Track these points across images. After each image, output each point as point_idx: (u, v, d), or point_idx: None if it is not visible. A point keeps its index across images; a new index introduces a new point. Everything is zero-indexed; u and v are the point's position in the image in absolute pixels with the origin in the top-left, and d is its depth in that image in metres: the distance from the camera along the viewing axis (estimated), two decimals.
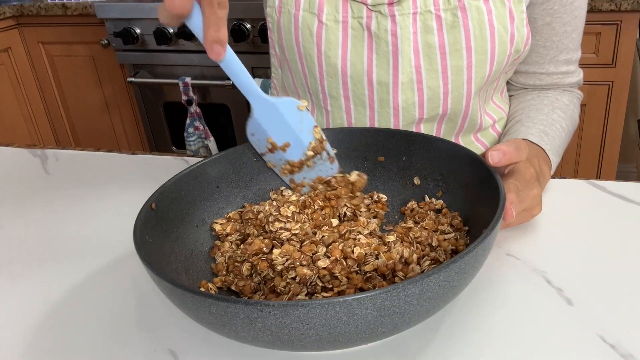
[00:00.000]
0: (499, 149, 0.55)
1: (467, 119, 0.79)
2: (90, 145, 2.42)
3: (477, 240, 0.42)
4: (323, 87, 0.78)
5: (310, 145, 0.61)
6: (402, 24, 0.72)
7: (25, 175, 0.86)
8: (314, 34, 0.74)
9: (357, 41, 0.74)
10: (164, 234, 0.54)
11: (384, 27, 0.72)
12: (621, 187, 0.68)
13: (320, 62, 0.76)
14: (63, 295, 0.57)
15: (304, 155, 0.62)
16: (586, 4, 0.80)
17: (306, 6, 0.75)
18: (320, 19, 0.74)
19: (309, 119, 0.61)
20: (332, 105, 0.79)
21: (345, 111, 0.79)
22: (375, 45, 0.74)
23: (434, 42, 0.72)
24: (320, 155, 0.62)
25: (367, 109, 0.78)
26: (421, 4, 0.72)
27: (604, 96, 1.67)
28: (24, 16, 2.15)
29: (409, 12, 0.72)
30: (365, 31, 0.74)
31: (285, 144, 0.61)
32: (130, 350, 0.49)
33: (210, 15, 0.48)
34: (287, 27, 0.77)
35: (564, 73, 0.83)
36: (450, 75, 0.74)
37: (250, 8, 1.78)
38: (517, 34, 0.73)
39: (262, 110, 0.60)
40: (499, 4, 0.72)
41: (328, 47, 0.74)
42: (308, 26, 0.74)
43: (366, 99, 0.77)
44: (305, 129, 0.61)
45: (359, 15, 0.73)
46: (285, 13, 0.76)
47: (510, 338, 0.47)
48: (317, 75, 0.77)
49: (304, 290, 0.49)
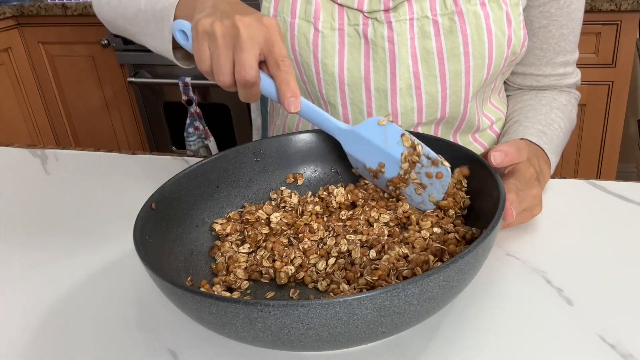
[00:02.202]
0: (500, 149, 0.55)
1: (465, 121, 0.79)
2: (90, 145, 2.42)
3: (477, 240, 0.42)
4: (322, 94, 0.78)
5: (402, 155, 0.58)
6: (398, 30, 0.72)
7: (25, 175, 0.86)
8: (310, 42, 0.74)
9: (353, 48, 0.74)
10: (164, 234, 0.54)
11: (381, 33, 0.72)
12: (621, 187, 0.68)
13: (317, 70, 0.75)
14: (63, 295, 0.57)
15: (400, 169, 0.59)
16: (583, 6, 0.80)
17: (302, 14, 0.74)
18: (316, 27, 0.74)
19: (393, 130, 0.57)
20: (331, 112, 0.79)
21: (343, 119, 0.79)
22: (372, 52, 0.73)
23: (431, 47, 0.72)
24: (420, 163, 0.57)
25: (365, 116, 0.77)
26: (418, 10, 0.72)
27: (604, 96, 1.67)
28: (24, 16, 2.15)
29: (405, 18, 0.72)
30: (362, 38, 0.73)
31: (380, 165, 0.59)
32: (130, 350, 0.49)
33: (279, 76, 0.53)
34: (283, 35, 0.76)
35: (562, 74, 0.83)
36: (449, 80, 0.74)
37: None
38: (514, 37, 0.73)
39: (348, 142, 0.60)
40: (496, 7, 0.72)
41: (325, 55, 0.74)
42: (304, 34, 0.74)
43: (364, 106, 0.77)
44: (392, 142, 0.58)
45: (355, 23, 0.73)
46: (280, 21, 0.76)
47: (510, 338, 0.47)
48: (315, 82, 0.77)
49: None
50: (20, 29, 2.21)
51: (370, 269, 0.51)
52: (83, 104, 2.33)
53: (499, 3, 0.71)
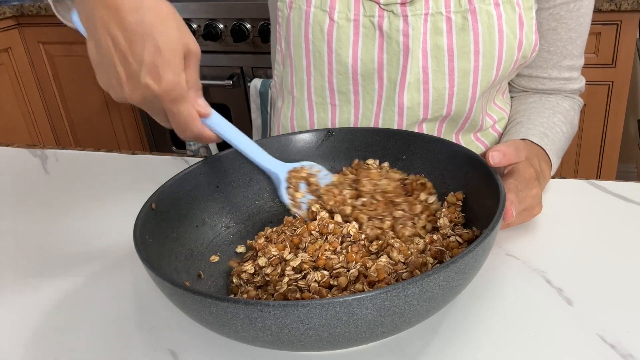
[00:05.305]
0: (498, 149, 0.55)
1: (469, 120, 0.79)
2: (90, 145, 2.41)
3: (477, 240, 0.42)
4: (331, 84, 0.78)
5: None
6: (414, 24, 0.72)
7: (25, 175, 0.86)
8: (325, 31, 0.74)
9: (368, 40, 0.74)
10: (164, 234, 0.54)
11: (396, 26, 0.73)
12: (621, 187, 0.68)
13: (330, 59, 0.76)
14: (63, 295, 0.57)
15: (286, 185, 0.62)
16: (591, 11, 0.80)
17: (317, 3, 0.75)
18: (331, 17, 0.74)
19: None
20: (340, 99, 0.79)
21: (353, 105, 0.79)
22: (386, 45, 0.74)
23: (442, 43, 0.72)
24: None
25: (375, 105, 0.78)
26: (432, 5, 0.72)
27: (604, 96, 1.67)
28: (24, 16, 2.15)
29: (421, 13, 0.72)
30: (377, 30, 0.74)
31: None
32: (130, 350, 0.49)
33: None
34: (297, 23, 0.77)
35: (567, 79, 0.83)
36: (457, 78, 0.74)
37: (250, 8, 1.78)
38: (525, 41, 0.73)
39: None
40: (510, 9, 0.72)
41: (339, 45, 0.74)
42: (319, 23, 0.74)
43: (375, 95, 0.77)
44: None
45: (371, 14, 0.73)
46: (296, 9, 0.76)
47: (510, 338, 0.47)
48: (326, 72, 0.77)
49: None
50: (20, 29, 2.21)
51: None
52: (83, 104, 2.32)
53: (512, 5, 0.72)
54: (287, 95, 0.84)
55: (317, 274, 0.51)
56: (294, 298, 0.49)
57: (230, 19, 1.81)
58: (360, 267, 0.51)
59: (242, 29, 1.80)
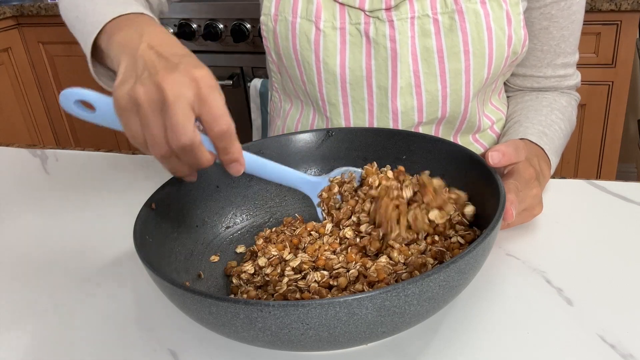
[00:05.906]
0: (498, 149, 0.55)
1: (466, 121, 0.79)
2: (90, 145, 2.41)
3: (477, 240, 0.42)
4: (322, 94, 0.78)
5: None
6: (400, 28, 0.72)
7: (25, 175, 0.86)
8: (312, 41, 0.74)
9: (355, 47, 0.74)
10: (164, 234, 0.54)
11: (382, 32, 0.72)
12: (621, 187, 0.68)
13: (318, 69, 0.75)
14: (63, 295, 0.57)
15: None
16: (583, 8, 0.80)
17: (303, 13, 0.74)
18: (317, 26, 0.74)
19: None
20: (330, 112, 0.79)
21: (344, 117, 0.79)
22: (373, 51, 0.73)
23: (432, 46, 0.72)
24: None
25: (367, 114, 0.77)
26: (418, 8, 0.72)
27: (604, 96, 1.67)
28: (24, 16, 2.15)
29: (406, 17, 0.72)
30: (364, 37, 0.73)
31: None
32: (130, 350, 0.49)
33: (214, 139, 0.48)
34: (284, 35, 0.76)
35: (562, 76, 0.83)
36: (449, 79, 0.74)
37: (250, 8, 1.78)
38: (514, 36, 0.73)
39: (314, 192, 0.61)
40: (496, 6, 0.72)
41: (326, 54, 0.74)
42: (305, 33, 0.74)
43: (365, 104, 0.77)
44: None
45: (357, 22, 0.73)
46: (282, 21, 0.76)
47: (510, 338, 0.47)
48: (316, 82, 0.77)
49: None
50: (20, 29, 2.21)
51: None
52: None
53: (499, 2, 0.72)
54: (295, 99, 0.85)
55: (316, 274, 0.51)
56: (293, 298, 0.49)
57: (230, 19, 1.81)
58: (360, 267, 0.51)
59: (242, 29, 1.80)
